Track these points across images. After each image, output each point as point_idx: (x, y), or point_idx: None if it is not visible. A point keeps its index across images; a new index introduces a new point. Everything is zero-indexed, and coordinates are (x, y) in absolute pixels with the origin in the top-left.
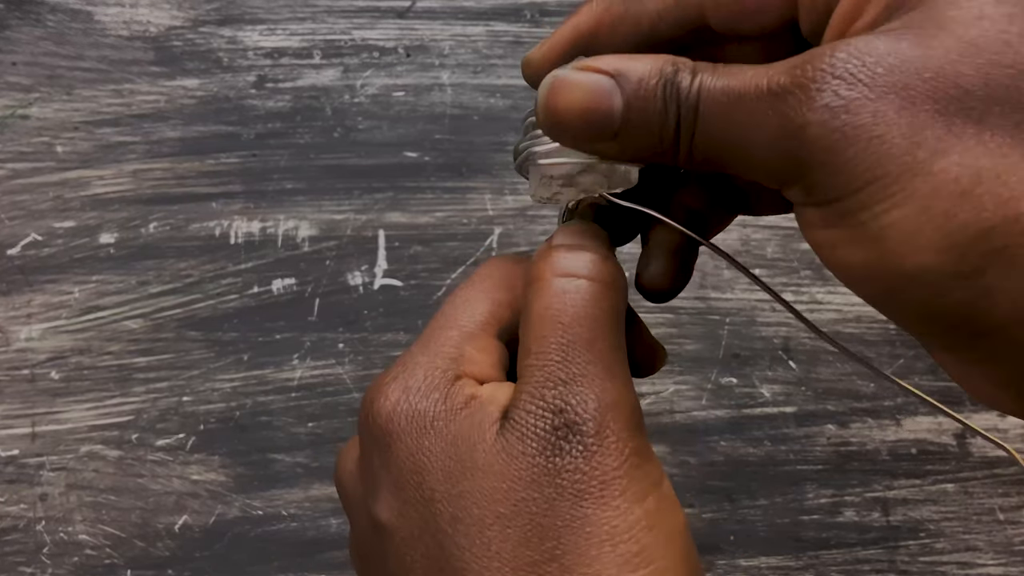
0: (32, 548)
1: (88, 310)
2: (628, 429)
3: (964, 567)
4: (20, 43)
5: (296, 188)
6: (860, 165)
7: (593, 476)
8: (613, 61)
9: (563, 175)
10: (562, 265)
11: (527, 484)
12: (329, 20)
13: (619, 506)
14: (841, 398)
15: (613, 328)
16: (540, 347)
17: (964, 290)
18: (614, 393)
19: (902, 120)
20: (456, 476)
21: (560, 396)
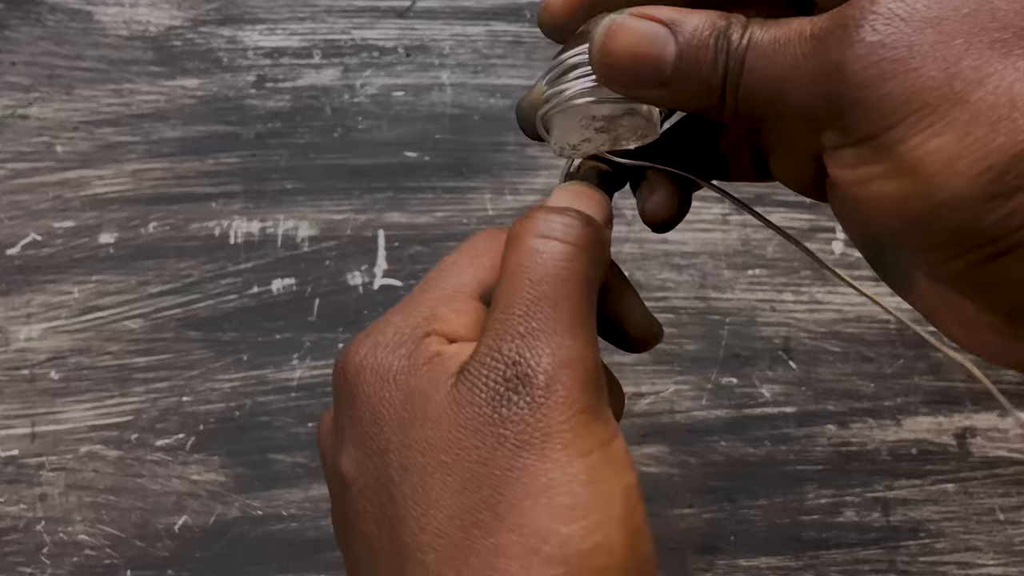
0: (32, 548)
1: (88, 310)
2: (581, 387)
3: (964, 567)
4: (20, 43)
5: (296, 188)
6: (898, 98)
7: (536, 428)
8: (668, 12)
9: (606, 116)
10: (539, 226)
11: (471, 433)
12: (329, 20)
13: (559, 459)
14: (841, 398)
15: (581, 290)
16: (505, 302)
17: (997, 211)
18: (572, 351)
19: (938, 52)
20: (408, 426)
21: (515, 349)
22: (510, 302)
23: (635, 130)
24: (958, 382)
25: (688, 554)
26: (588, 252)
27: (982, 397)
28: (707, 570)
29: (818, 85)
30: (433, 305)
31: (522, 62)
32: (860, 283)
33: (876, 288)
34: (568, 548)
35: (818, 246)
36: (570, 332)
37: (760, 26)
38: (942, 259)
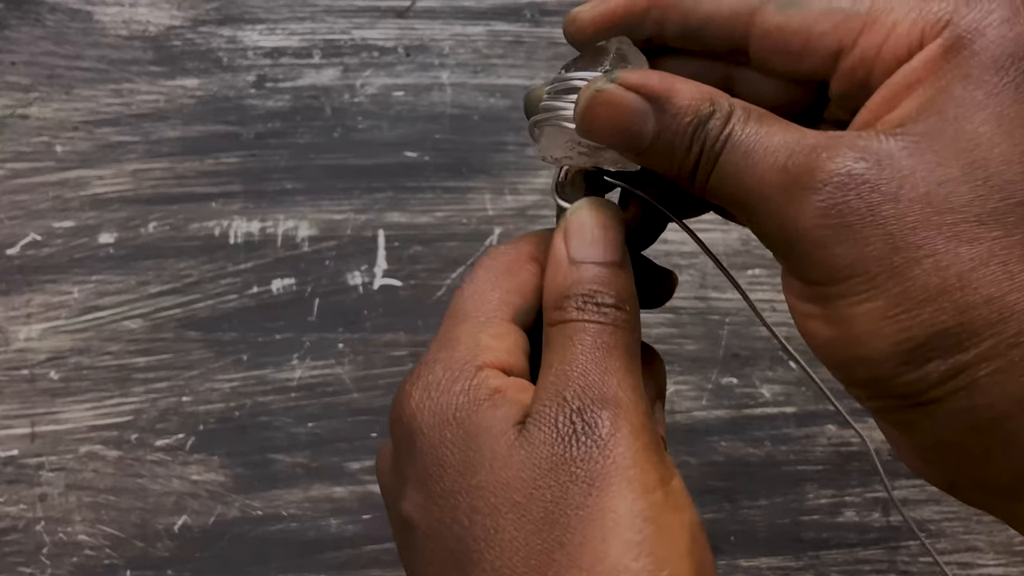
0: (32, 548)
1: (88, 310)
2: (640, 430)
3: (964, 567)
4: (20, 43)
5: (296, 188)
6: (844, 261)
7: (605, 465)
8: (659, 84)
9: (590, 145)
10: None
11: (544, 472)
12: (329, 20)
13: (626, 496)
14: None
15: (626, 354)
16: (560, 363)
17: (910, 374)
18: (627, 400)
19: (890, 226)
20: (476, 467)
21: (578, 397)
22: (565, 364)
23: (615, 161)
24: None
25: None
26: (626, 327)
27: None
28: None
29: (775, 220)
30: (474, 335)
31: (522, 62)
32: None
33: None
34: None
35: None
36: (621, 386)
37: (742, 123)
38: (864, 397)
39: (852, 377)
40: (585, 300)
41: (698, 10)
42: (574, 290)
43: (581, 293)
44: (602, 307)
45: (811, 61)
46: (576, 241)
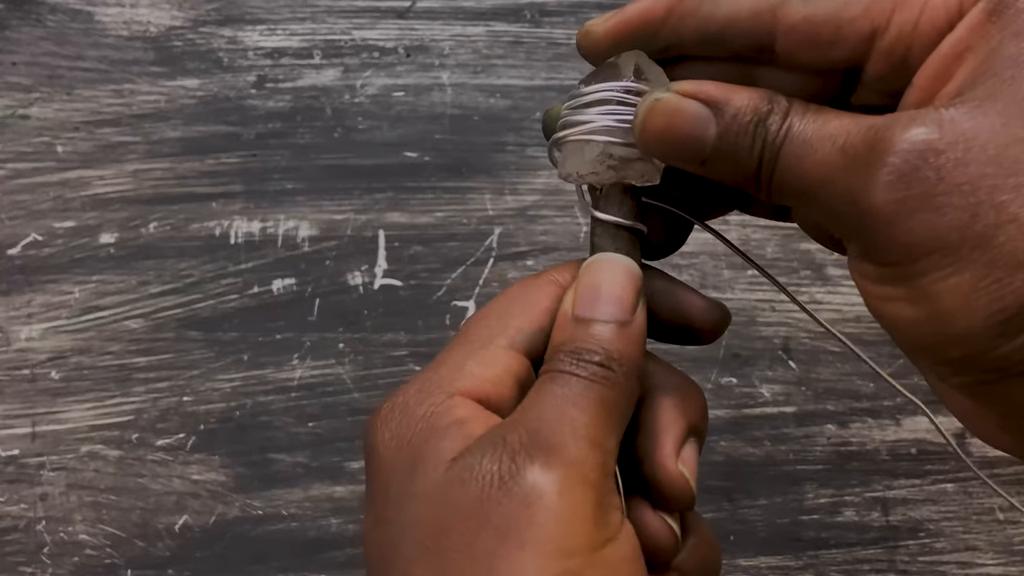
0: (32, 548)
1: (88, 310)
2: (583, 479)
3: (964, 567)
4: (20, 43)
5: (296, 188)
6: (921, 235)
7: (523, 518)
8: (715, 91)
9: (621, 157)
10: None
11: (458, 516)
12: (329, 20)
13: (537, 557)
14: (841, 398)
15: (600, 413)
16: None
17: (1005, 346)
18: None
19: (965, 192)
20: (409, 499)
21: (521, 441)
22: (526, 409)
23: (643, 174)
24: None
25: None
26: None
27: None
28: None
29: (843, 202)
30: (461, 360)
31: (522, 62)
32: None
33: None
34: None
35: None
36: (574, 436)
37: (800, 116)
38: (949, 373)
39: (943, 356)
40: (574, 355)
41: (717, 14)
42: (567, 345)
43: (571, 348)
44: (588, 363)
45: (844, 48)
46: (582, 297)
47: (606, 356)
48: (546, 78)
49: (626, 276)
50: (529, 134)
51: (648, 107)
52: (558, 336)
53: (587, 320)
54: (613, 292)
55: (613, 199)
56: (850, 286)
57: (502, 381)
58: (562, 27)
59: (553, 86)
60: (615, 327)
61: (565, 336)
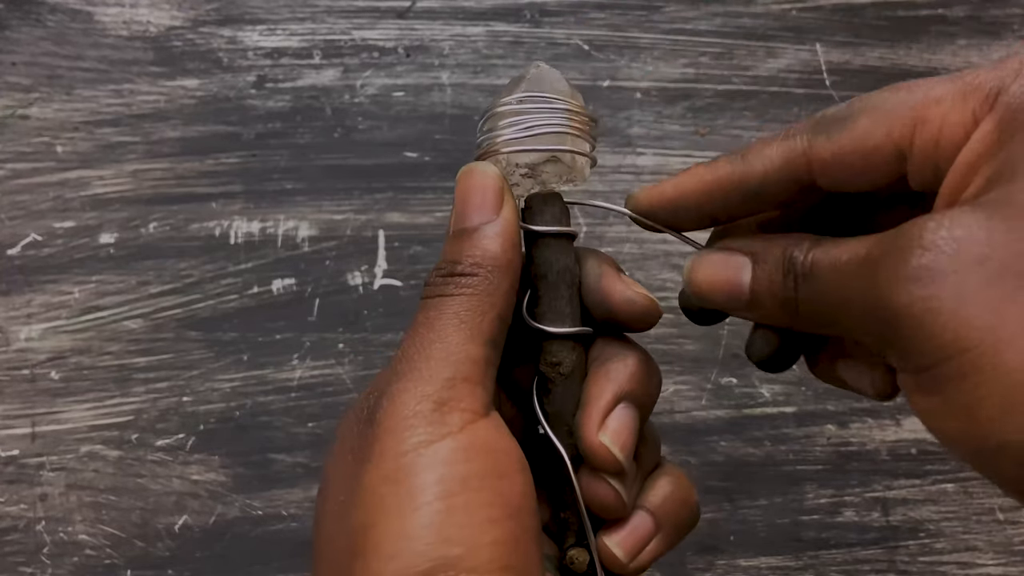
0: (32, 548)
1: (88, 310)
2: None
3: (964, 567)
4: (20, 43)
5: (296, 188)
6: (946, 336)
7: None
8: (749, 243)
9: (528, 164)
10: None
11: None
12: (329, 20)
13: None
14: (841, 398)
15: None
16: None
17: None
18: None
19: (988, 293)
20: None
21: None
22: (405, 338)
23: (560, 175)
24: None
25: (688, 554)
26: (476, 292)
27: None
28: (707, 570)
29: (870, 313)
30: None
31: (522, 62)
32: None
33: None
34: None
35: None
36: (423, 362)
37: (820, 245)
38: (1014, 492)
39: (1000, 470)
40: (438, 271)
41: (752, 172)
42: (439, 263)
43: (438, 266)
44: (449, 276)
45: (878, 172)
46: (454, 213)
47: (468, 263)
48: None
49: (484, 180)
50: None
51: (692, 262)
52: (441, 256)
53: (459, 231)
54: (476, 199)
55: (535, 208)
56: None
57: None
58: (562, 27)
59: None
60: (481, 230)
61: (442, 252)
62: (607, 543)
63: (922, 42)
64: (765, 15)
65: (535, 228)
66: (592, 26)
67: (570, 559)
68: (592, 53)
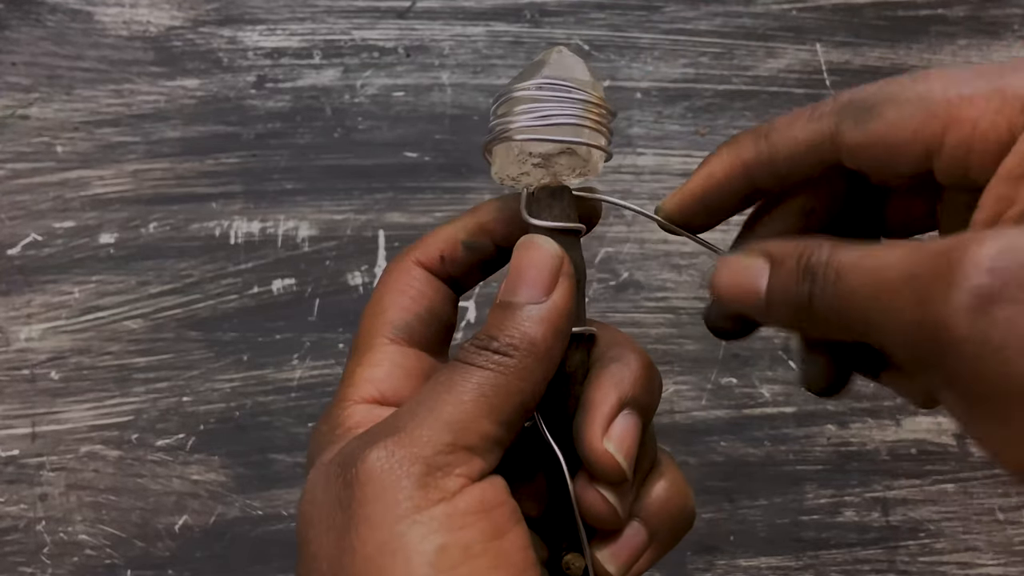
0: (32, 548)
1: (88, 310)
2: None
3: (964, 567)
4: (20, 43)
5: (296, 188)
6: (1010, 369)
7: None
8: (768, 245)
9: (542, 154)
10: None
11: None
12: (329, 20)
13: (366, 536)
14: (841, 398)
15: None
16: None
17: None
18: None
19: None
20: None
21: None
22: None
23: (573, 167)
24: None
25: (688, 554)
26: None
27: None
28: (707, 570)
29: (919, 328)
30: (352, 368)
31: (522, 62)
32: None
33: None
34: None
35: None
36: (427, 423)
37: (846, 248)
38: None
39: None
40: (476, 341)
41: (778, 154)
42: (479, 333)
43: (477, 335)
44: (484, 350)
45: (905, 165)
46: (505, 283)
47: (505, 341)
48: None
49: (542, 258)
50: None
51: (714, 267)
52: (485, 323)
53: (505, 304)
54: (529, 275)
55: (543, 201)
56: None
57: (392, 375)
58: (562, 27)
59: None
60: (526, 310)
61: (486, 323)
62: (600, 557)
63: (922, 42)
64: (765, 15)
65: (539, 223)
66: (592, 26)
67: (566, 564)
68: (592, 53)
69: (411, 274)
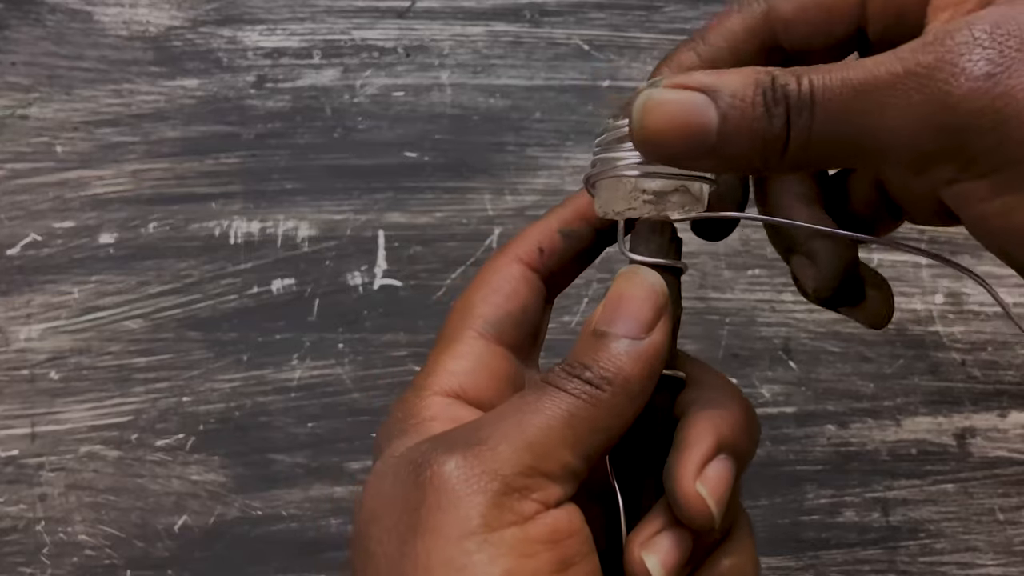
0: (32, 548)
1: (88, 310)
2: (485, 470)
3: (964, 567)
4: (20, 43)
5: (296, 188)
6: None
7: (426, 509)
8: (702, 77)
9: (656, 191)
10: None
11: (376, 515)
12: (329, 20)
13: (437, 542)
14: (841, 398)
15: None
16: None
17: None
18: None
19: None
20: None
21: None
22: (500, 409)
23: (682, 205)
24: (958, 382)
25: None
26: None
27: (982, 397)
28: None
29: (931, 121)
30: (435, 357)
31: (522, 62)
32: None
33: None
34: None
35: None
36: (510, 442)
37: (818, 72)
38: None
39: None
40: (569, 366)
41: (720, 53)
42: (570, 357)
43: (571, 360)
44: (577, 378)
45: (840, 23)
46: (604, 309)
47: (598, 374)
48: (546, 78)
49: (646, 292)
50: (529, 134)
51: (640, 105)
52: (575, 347)
53: (601, 333)
54: (630, 308)
55: (643, 236)
56: None
57: (475, 371)
58: (562, 27)
59: (553, 86)
60: (623, 344)
61: (577, 347)
62: None
63: None
64: None
65: (641, 258)
66: (592, 26)
67: None
68: (592, 53)
69: (508, 270)
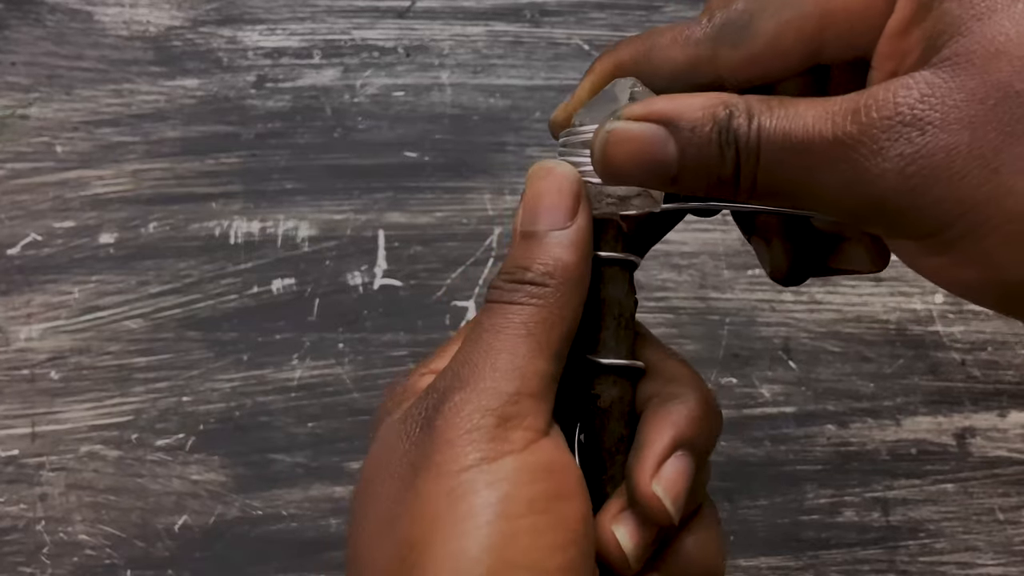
0: (32, 548)
1: (88, 310)
2: (476, 405)
3: (964, 567)
4: (20, 43)
5: (296, 188)
6: (946, 203)
7: (425, 447)
8: (663, 105)
9: (620, 195)
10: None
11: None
12: (329, 20)
13: (433, 479)
14: (841, 398)
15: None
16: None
17: None
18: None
19: (977, 151)
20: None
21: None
22: (466, 344)
23: (642, 207)
24: (958, 382)
25: None
26: (545, 305)
27: (981, 397)
28: None
29: (855, 189)
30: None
31: (522, 62)
32: None
33: None
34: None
35: None
36: (488, 372)
37: (767, 114)
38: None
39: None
40: (507, 275)
41: (660, 75)
42: (506, 266)
43: (507, 269)
44: (520, 283)
45: (791, 67)
46: (523, 211)
47: (539, 271)
48: (546, 78)
49: (559, 183)
50: (529, 134)
51: (602, 141)
52: (510, 254)
53: (530, 233)
54: (549, 202)
55: (610, 239)
56: (850, 286)
57: None
58: (562, 27)
59: (553, 86)
60: (553, 236)
61: (512, 254)
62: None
63: None
64: None
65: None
66: (592, 26)
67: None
68: (592, 53)
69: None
